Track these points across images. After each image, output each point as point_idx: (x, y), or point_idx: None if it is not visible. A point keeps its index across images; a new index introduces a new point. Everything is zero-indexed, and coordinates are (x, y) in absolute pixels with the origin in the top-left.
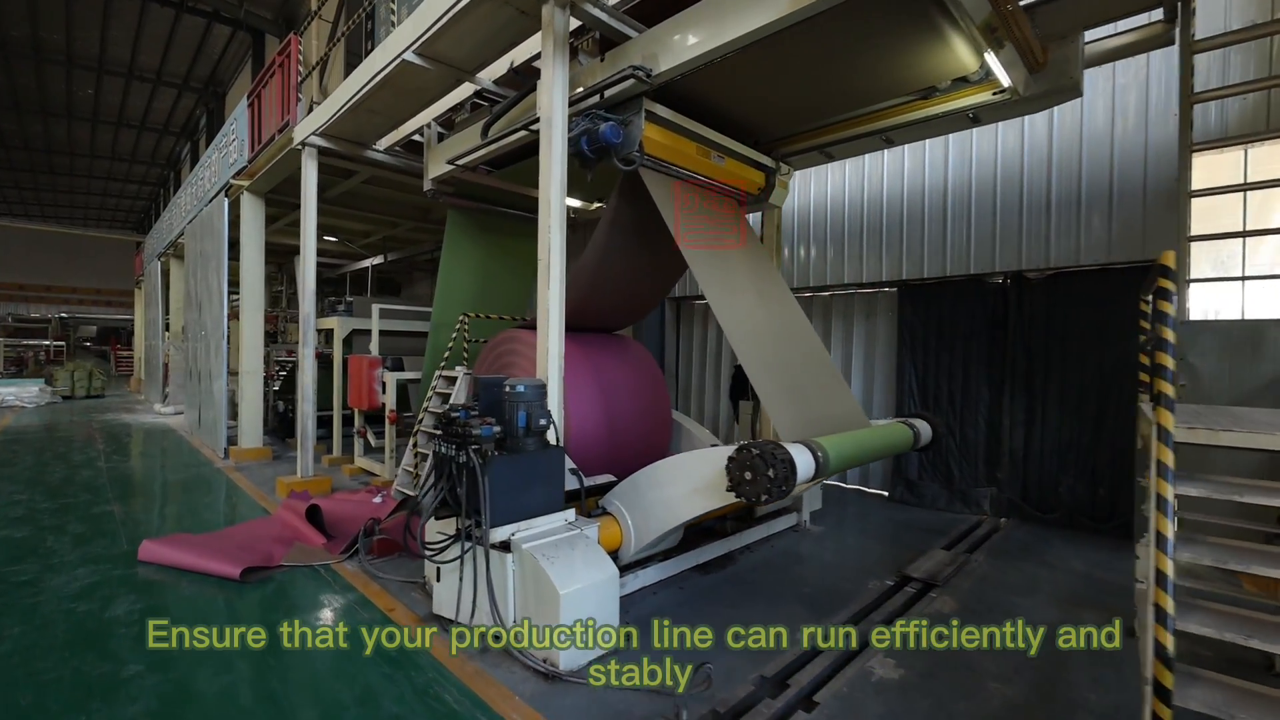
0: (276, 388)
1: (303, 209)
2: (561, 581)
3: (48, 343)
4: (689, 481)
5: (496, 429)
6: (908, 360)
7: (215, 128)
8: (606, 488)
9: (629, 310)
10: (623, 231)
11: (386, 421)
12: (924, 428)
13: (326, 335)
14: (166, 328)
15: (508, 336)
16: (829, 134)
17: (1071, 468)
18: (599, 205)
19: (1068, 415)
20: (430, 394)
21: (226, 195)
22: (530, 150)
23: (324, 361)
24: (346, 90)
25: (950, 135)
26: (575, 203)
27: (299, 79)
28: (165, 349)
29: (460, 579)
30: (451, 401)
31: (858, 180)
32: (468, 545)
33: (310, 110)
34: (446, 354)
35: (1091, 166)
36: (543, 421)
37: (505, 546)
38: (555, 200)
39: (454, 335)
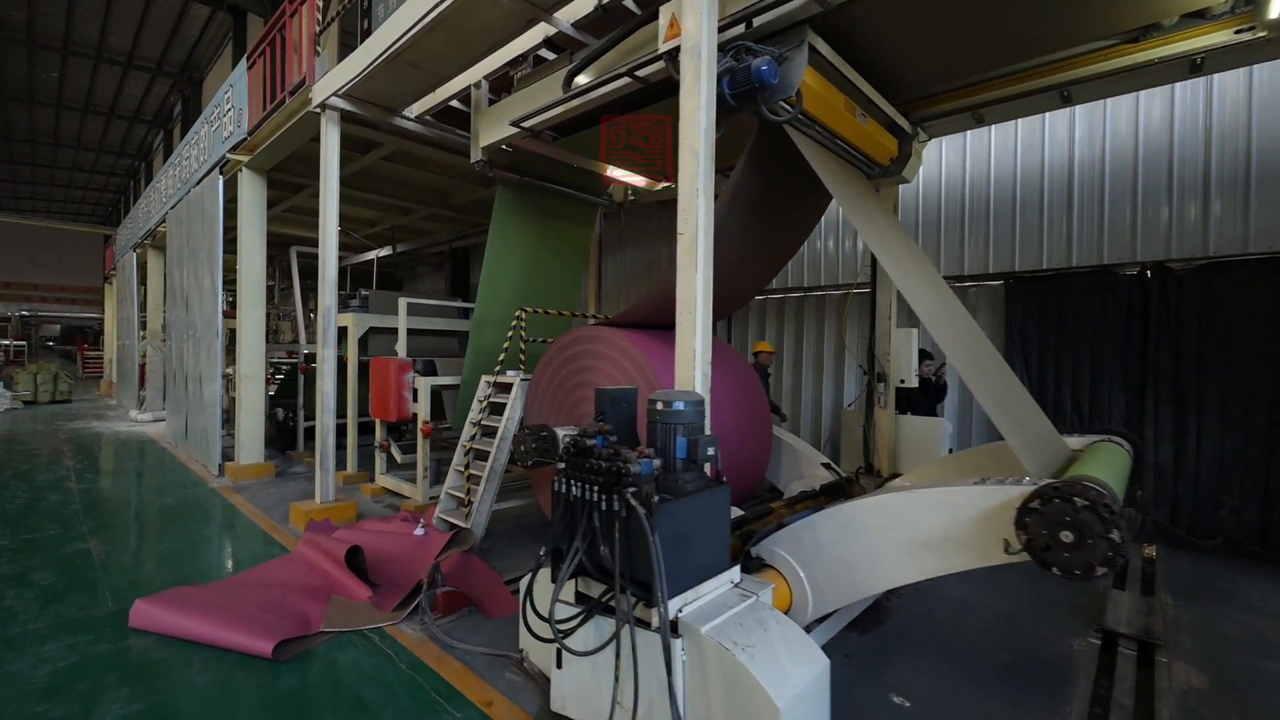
0: (272, 393)
1: (323, 184)
2: (774, 686)
3: (8, 343)
4: (908, 531)
5: (656, 463)
6: (1018, 363)
7: (191, 116)
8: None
9: (723, 303)
10: (743, 206)
11: (419, 435)
12: (1128, 449)
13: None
14: (143, 326)
15: (585, 336)
16: (989, 90)
17: (1236, 487)
18: (666, 185)
19: (1230, 427)
20: (478, 403)
21: (221, 173)
22: (593, 118)
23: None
24: (383, 38)
25: (1081, 106)
26: (637, 181)
27: (317, 29)
28: (142, 349)
29: (616, 677)
30: (509, 413)
31: (956, 158)
32: (596, 614)
33: (332, 66)
34: (503, 356)
35: (1265, 138)
36: (710, 451)
37: (672, 627)
38: (703, 156)
39: (509, 333)
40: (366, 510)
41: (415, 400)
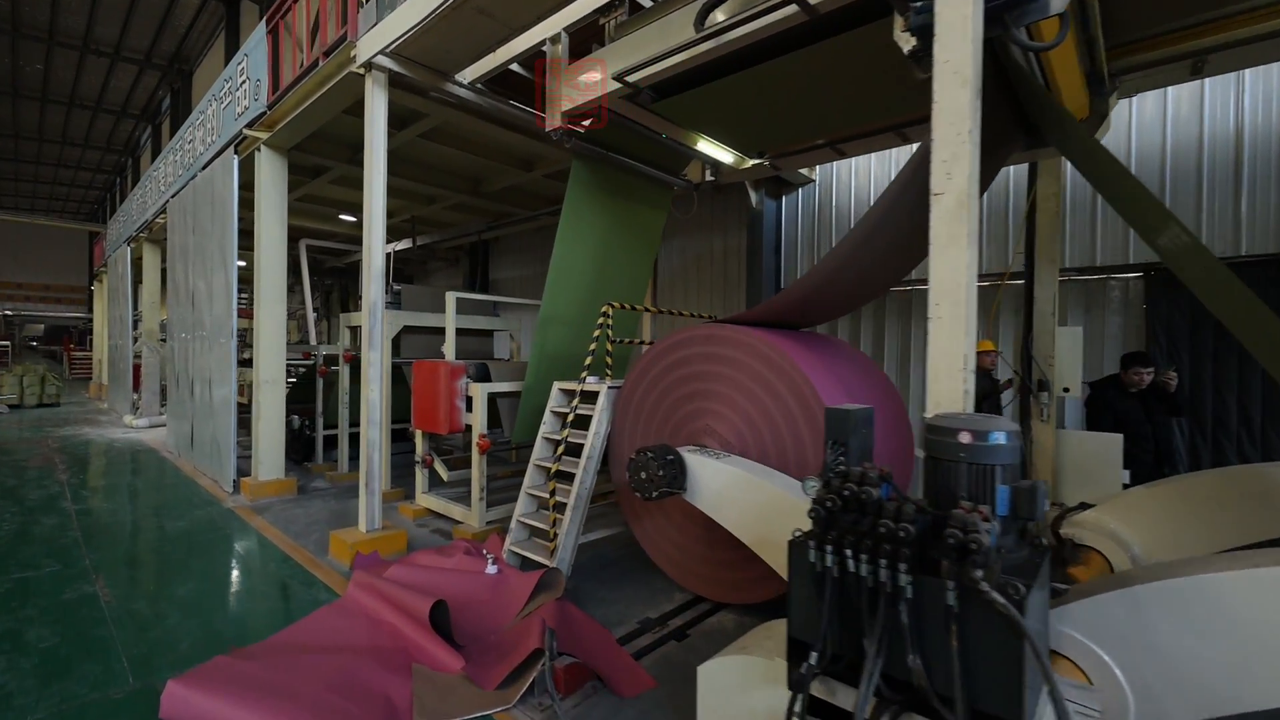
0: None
1: (368, 159)
2: None
3: None
4: None
5: (992, 526)
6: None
7: (181, 110)
8: None
9: (849, 301)
10: (920, 187)
11: (474, 450)
12: None
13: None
14: (136, 325)
15: (701, 336)
16: (1239, 26)
17: None
18: (758, 161)
19: None
20: (552, 415)
21: (236, 152)
22: (705, 73)
23: (354, 366)
24: None
25: (1250, 71)
26: (725, 156)
27: None
28: (137, 350)
29: None
30: (596, 428)
31: None
32: None
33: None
34: (588, 359)
35: None
36: (1045, 505)
37: None
38: (972, 82)
39: (596, 332)
40: (414, 538)
41: (469, 410)
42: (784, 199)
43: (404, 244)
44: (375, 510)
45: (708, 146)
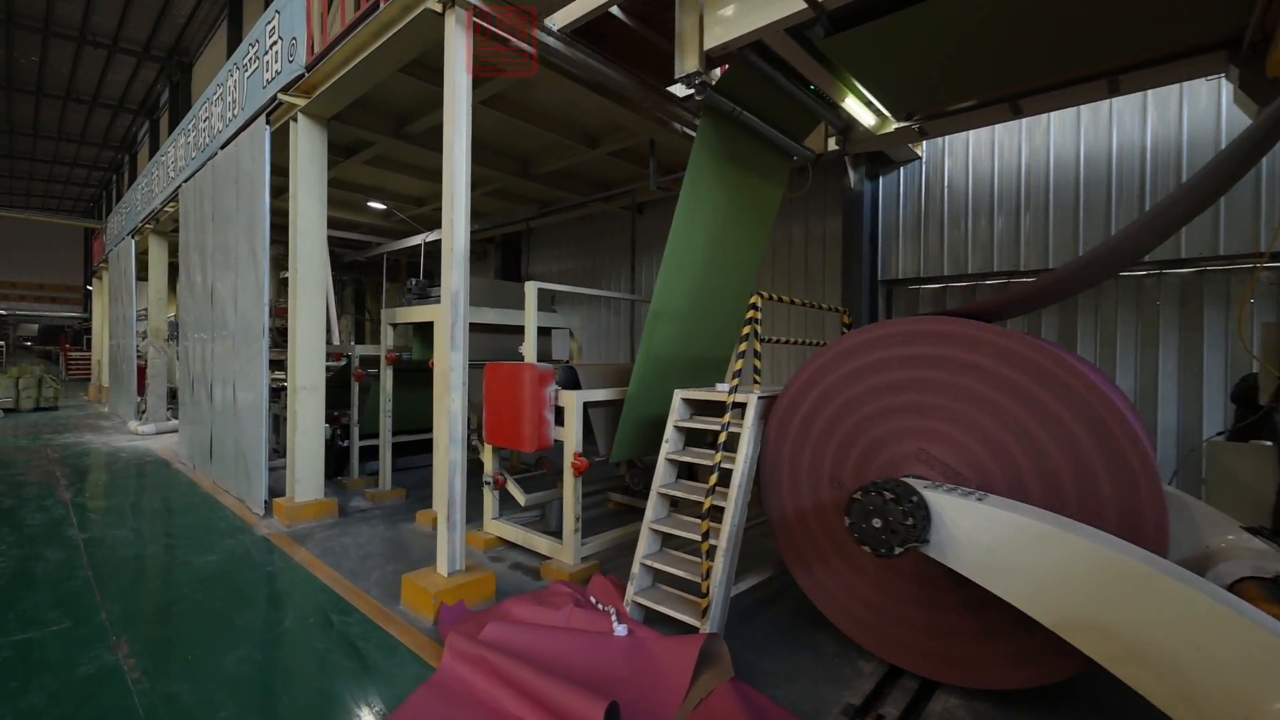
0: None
1: (449, 111)
2: None
3: None
4: None
5: None
6: None
7: (180, 104)
8: None
9: (1080, 285)
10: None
11: (568, 472)
12: None
13: (410, 331)
14: (143, 322)
15: (908, 333)
16: None
17: None
18: (905, 124)
19: None
20: (675, 431)
21: (268, 121)
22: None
23: (406, 369)
24: None
25: None
26: (867, 117)
27: None
28: (142, 350)
29: None
30: (746, 449)
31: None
32: None
33: None
34: (738, 363)
35: None
36: None
37: None
38: None
39: (745, 329)
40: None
41: (559, 423)
42: (880, 180)
43: (435, 235)
44: (458, 549)
45: (854, 104)
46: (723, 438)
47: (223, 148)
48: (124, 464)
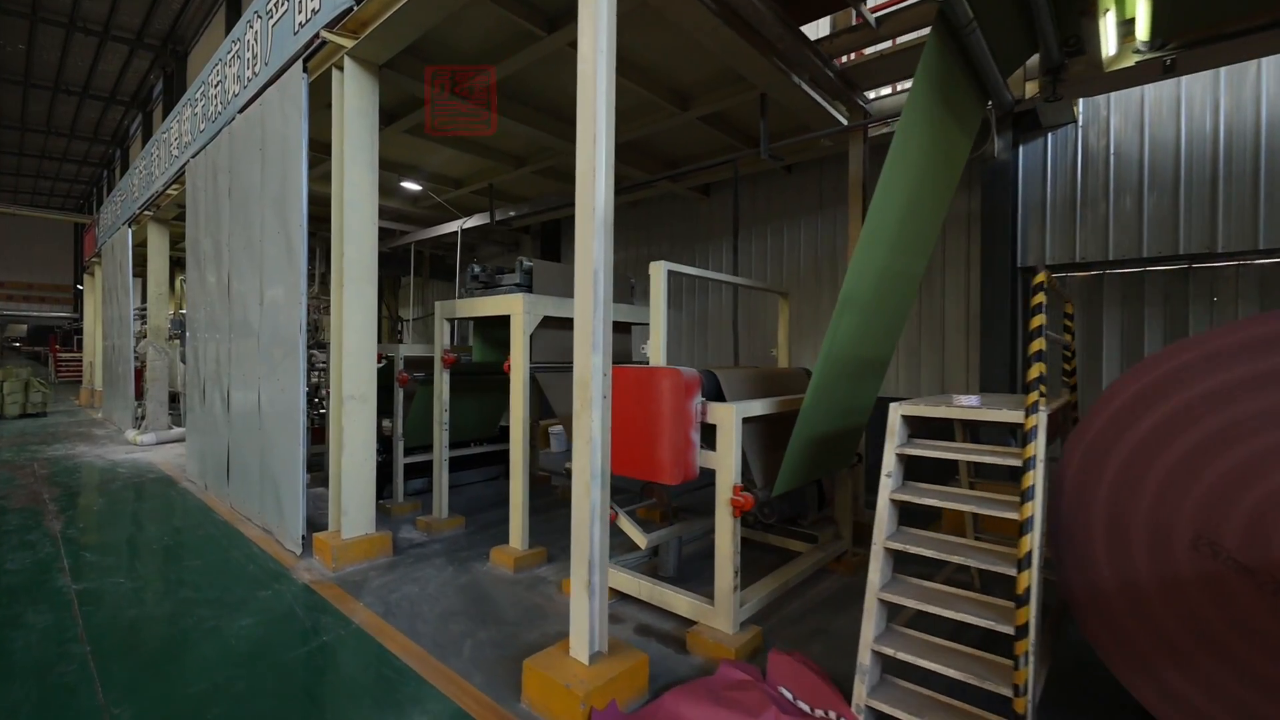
0: (322, 411)
1: (585, 27)
2: None
3: None
4: None
5: None
6: None
7: (174, 96)
8: None
9: None
10: None
11: (723, 510)
12: None
13: (464, 328)
14: (141, 321)
15: None
16: None
17: None
18: (1155, 55)
19: None
20: (896, 460)
21: (305, 68)
22: None
23: (463, 372)
24: None
25: None
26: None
27: None
28: (140, 351)
29: None
30: (1037, 491)
31: None
32: None
33: None
34: (1041, 367)
35: None
36: None
37: None
38: None
39: (1039, 320)
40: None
41: (708, 444)
42: (1021, 149)
43: (475, 220)
44: (599, 623)
45: (1110, 20)
46: (970, 468)
47: (241, 111)
48: (123, 482)
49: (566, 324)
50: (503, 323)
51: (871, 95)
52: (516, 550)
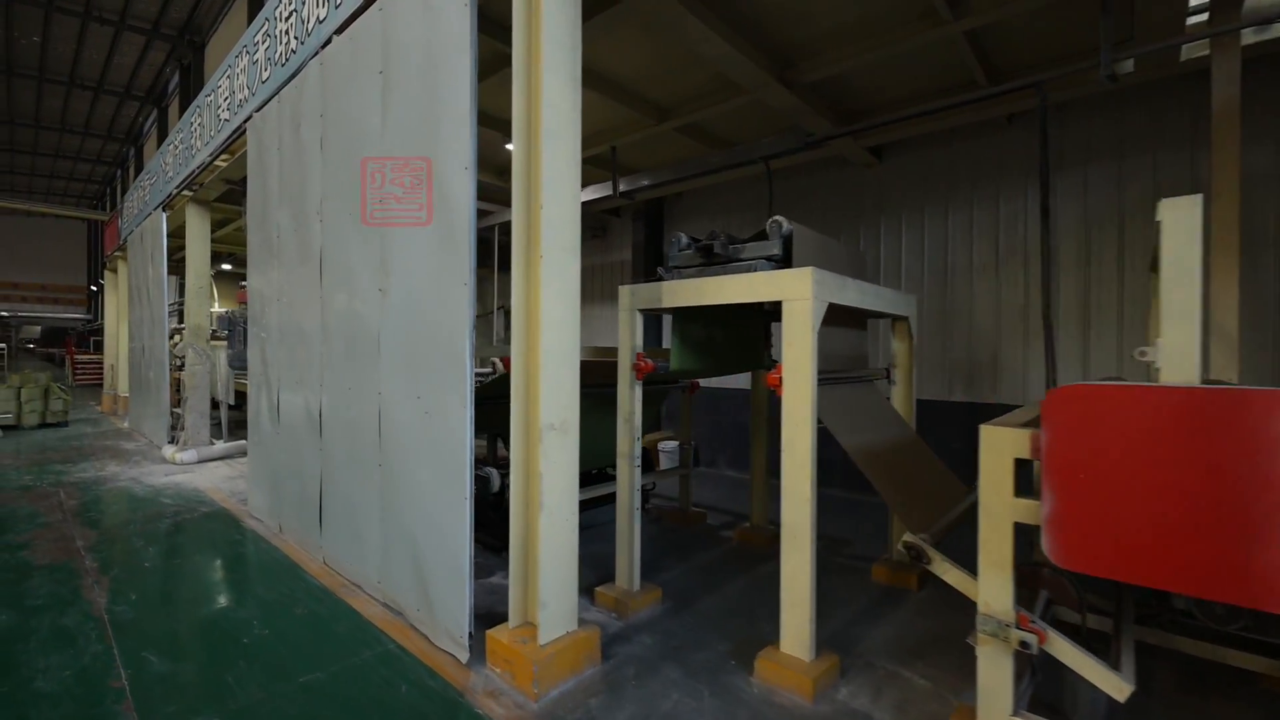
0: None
1: None
2: None
3: None
4: None
5: None
6: None
7: (190, 89)
8: None
9: None
10: None
11: None
12: None
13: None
14: (177, 318)
15: None
16: None
17: None
18: None
19: None
20: None
21: None
22: None
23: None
24: None
25: None
26: None
27: None
28: (178, 352)
29: None
30: None
31: None
32: None
33: None
34: None
35: None
36: None
37: None
38: None
39: None
40: None
41: None
42: None
43: (592, 191)
44: None
45: None
46: None
47: (339, 32)
48: (171, 519)
49: (846, 315)
50: (708, 317)
51: None
52: (798, 659)
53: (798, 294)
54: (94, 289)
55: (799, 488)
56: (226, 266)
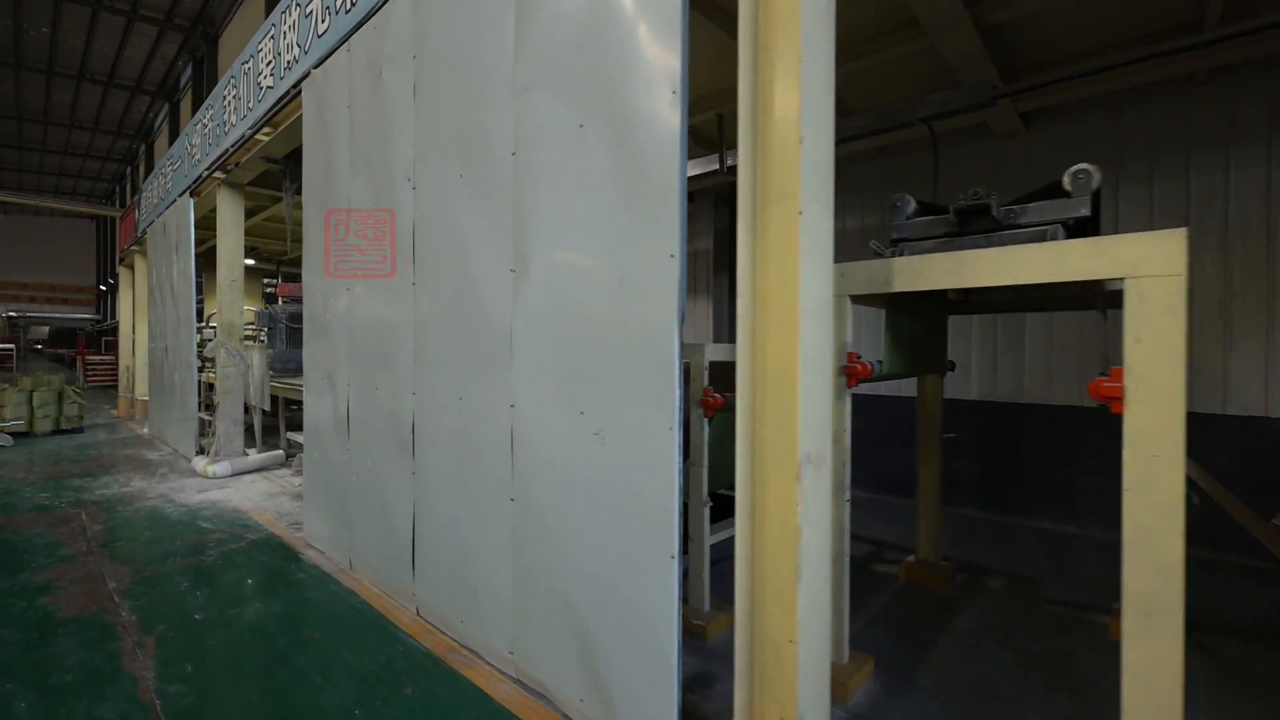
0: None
1: None
2: None
3: None
4: None
5: None
6: None
7: (204, 83)
8: None
9: None
10: None
11: None
12: None
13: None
14: (203, 319)
15: None
16: None
17: None
18: None
19: None
20: None
21: None
22: None
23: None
24: None
25: None
26: None
27: None
28: (210, 352)
29: None
30: None
31: None
32: None
33: None
34: None
35: None
36: None
37: None
38: None
39: None
40: None
41: None
42: None
43: (701, 167)
44: None
45: None
46: None
47: None
48: (216, 551)
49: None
50: (913, 308)
51: None
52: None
53: (1161, 268)
54: (103, 288)
55: (1163, 545)
56: (250, 262)
